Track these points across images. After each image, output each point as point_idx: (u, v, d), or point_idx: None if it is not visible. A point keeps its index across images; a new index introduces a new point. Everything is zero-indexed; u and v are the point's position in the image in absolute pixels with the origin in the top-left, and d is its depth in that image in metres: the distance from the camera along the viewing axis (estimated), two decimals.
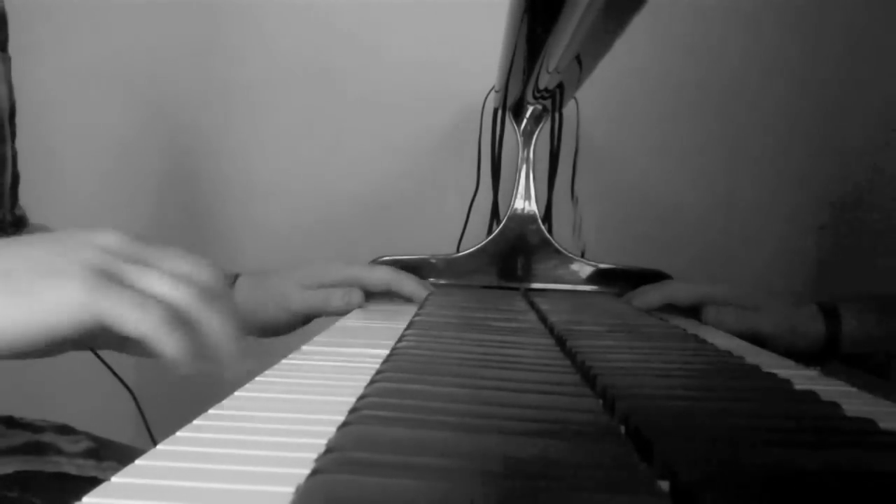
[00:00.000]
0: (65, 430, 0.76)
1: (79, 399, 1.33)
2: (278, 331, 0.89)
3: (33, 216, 0.91)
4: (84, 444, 0.74)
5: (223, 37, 1.42)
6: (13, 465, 0.68)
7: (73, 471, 0.70)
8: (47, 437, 0.73)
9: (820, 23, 1.30)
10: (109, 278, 0.47)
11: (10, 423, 0.75)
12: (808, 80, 1.31)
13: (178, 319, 0.48)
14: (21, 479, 0.67)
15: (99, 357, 0.79)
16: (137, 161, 1.43)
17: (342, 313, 0.83)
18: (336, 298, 0.85)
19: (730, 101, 1.34)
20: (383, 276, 0.88)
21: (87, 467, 0.71)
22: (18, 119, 0.87)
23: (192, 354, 0.47)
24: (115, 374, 0.84)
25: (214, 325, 0.49)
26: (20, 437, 0.72)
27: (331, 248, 1.37)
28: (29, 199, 0.91)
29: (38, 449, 0.71)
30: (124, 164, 1.44)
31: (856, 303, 0.83)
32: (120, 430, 0.89)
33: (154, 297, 0.47)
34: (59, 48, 1.41)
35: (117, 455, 0.75)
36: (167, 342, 0.46)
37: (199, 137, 1.44)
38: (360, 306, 0.85)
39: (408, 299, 0.88)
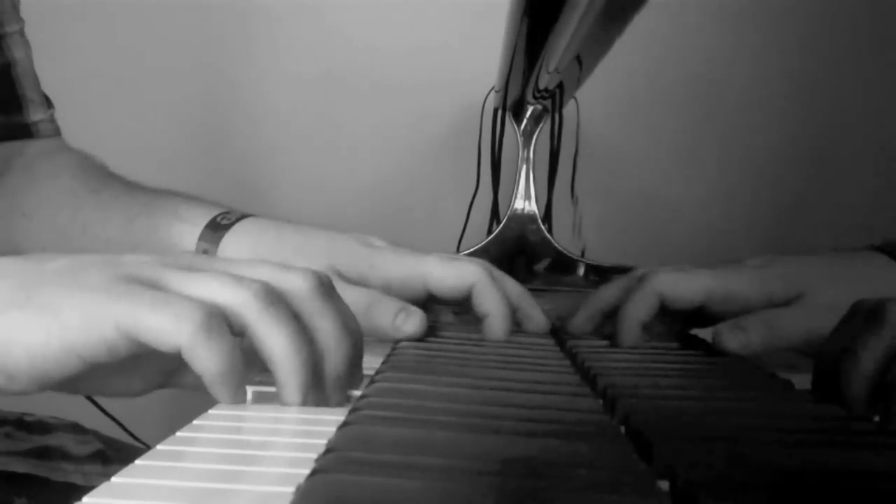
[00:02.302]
0: (74, 428, 0.76)
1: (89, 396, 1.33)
2: None
3: None
4: (92, 446, 0.74)
5: (227, 39, 1.42)
6: (22, 467, 0.69)
7: (78, 480, 0.70)
8: (56, 440, 0.73)
9: (820, 24, 1.30)
10: (144, 285, 0.38)
11: (20, 424, 0.75)
12: (809, 81, 1.31)
13: (225, 326, 0.38)
14: (26, 486, 0.67)
15: None
16: (134, 161, 1.43)
17: (388, 339, 0.55)
18: (382, 315, 0.55)
19: (730, 101, 1.34)
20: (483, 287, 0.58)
21: (92, 475, 0.71)
22: None
23: (243, 375, 0.38)
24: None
25: (293, 335, 0.39)
26: (28, 442, 0.72)
27: None
28: None
29: (47, 454, 0.71)
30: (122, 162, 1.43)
31: None
32: (129, 427, 0.89)
33: (195, 299, 0.38)
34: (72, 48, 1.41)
35: (123, 457, 0.75)
36: (203, 353, 0.37)
37: (199, 139, 1.44)
38: (416, 336, 0.55)
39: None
